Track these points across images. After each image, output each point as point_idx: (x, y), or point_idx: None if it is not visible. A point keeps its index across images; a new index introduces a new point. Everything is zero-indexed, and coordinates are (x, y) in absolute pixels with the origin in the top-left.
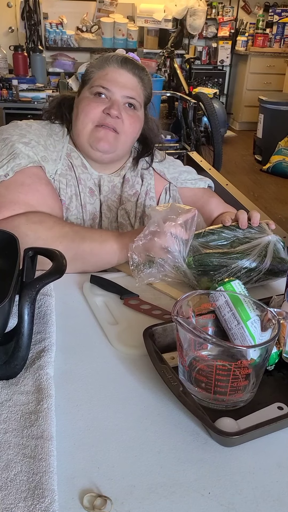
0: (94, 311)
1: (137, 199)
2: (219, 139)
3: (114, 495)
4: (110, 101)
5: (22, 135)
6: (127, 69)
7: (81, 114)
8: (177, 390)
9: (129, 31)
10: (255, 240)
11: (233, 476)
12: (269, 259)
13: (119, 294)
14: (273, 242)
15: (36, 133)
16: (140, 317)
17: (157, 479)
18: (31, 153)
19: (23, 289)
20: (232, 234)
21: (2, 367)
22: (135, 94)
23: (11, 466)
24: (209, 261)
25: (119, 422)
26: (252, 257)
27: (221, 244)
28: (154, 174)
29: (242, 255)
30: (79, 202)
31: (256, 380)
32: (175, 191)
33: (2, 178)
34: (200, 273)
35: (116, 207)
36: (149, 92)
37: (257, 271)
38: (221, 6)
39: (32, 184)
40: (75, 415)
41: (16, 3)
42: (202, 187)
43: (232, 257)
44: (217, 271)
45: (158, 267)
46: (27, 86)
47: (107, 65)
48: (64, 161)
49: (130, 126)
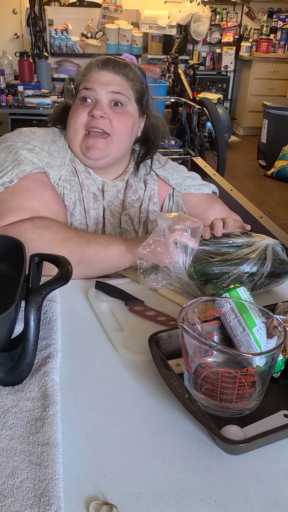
0: (99, 317)
1: (141, 205)
2: (223, 144)
3: (120, 502)
4: (95, 103)
5: (26, 142)
6: (108, 69)
7: (70, 121)
8: (183, 397)
9: (133, 37)
10: (253, 245)
11: (240, 485)
12: (269, 261)
13: (124, 300)
14: (271, 245)
15: (40, 140)
16: (145, 323)
17: (163, 487)
18: (35, 159)
19: (29, 295)
20: (230, 241)
21: (8, 373)
22: (120, 88)
23: (17, 473)
24: (210, 270)
25: (124, 429)
26: (253, 261)
27: (220, 252)
28: (158, 180)
29: (242, 260)
30: (82, 208)
31: (262, 387)
32: (179, 197)
33: (7, 184)
34: (202, 282)
35: (119, 213)
36: (139, 87)
37: (259, 275)
38: (225, 12)
39: (36, 190)
40: (80, 421)
41: (22, 10)
42: (206, 193)
43: (233, 263)
44: (219, 279)
45: (163, 274)
46: (33, 92)
47: (90, 70)
48: (68, 167)
49: (119, 124)
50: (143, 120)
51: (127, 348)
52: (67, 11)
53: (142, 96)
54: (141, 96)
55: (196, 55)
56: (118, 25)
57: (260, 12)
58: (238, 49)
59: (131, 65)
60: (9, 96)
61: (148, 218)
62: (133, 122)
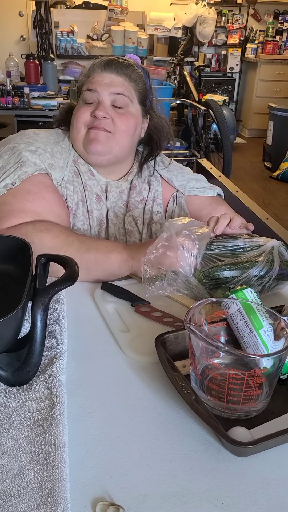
0: (105, 318)
1: (145, 206)
2: (228, 146)
3: (126, 504)
4: (97, 103)
5: (29, 143)
6: (111, 70)
7: (73, 121)
8: (190, 399)
9: (139, 39)
10: (259, 248)
11: (247, 487)
12: (277, 263)
13: (130, 301)
14: (276, 247)
15: (43, 141)
16: (151, 325)
17: (170, 489)
18: (37, 161)
19: (36, 296)
20: (235, 243)
21: (14, 373)
22: (122, 89)
23: (23, 473)
24: (219, 274)
25: (131, 430)
26: (261, 264)
27: (225, 255)
28: (162, 182)
29: (251, 263)
30: (85, 208)
31: (269, 389)
32: (182, 199)
33: (9, 186)
34: (212, 287)
35: (123, 214)
36: (142, 87)
37: (268, 277)
38: (231, 14)
39: (38, 192)
40: (86, 422)
41: (28, 12)
42: (210, 196)
43: (242, 266)
44: (229, 283)
45: (170, 281)
46: (39, 93)
47: (93, 71)
48: (71, 168)
49: (122, 124)
50: (146, 121)
51: (133, 349)
52: (73, 13)
53: (145, 97)
54: (144, 96)
55: (202, 57)
56: (124, 27)
57: (266, 14)
58: (244, 51)
59: (133, 65)
60: (15, 98)
61: (152, 219)
62: (136, 123)
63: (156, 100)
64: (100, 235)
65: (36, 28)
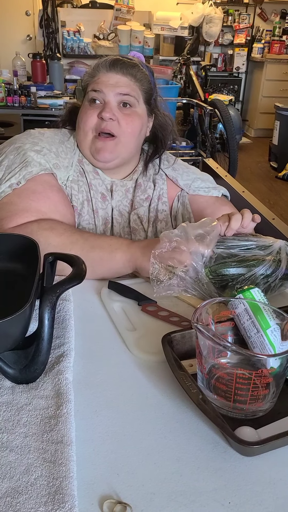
0: (112, 317)
1: (150, 204)
2: (234, 146)
3: (134, 502)
4: (103, 104)
5: (35, 143)
6: (116, 70)
7: (80, 123)
8: (197, 398)
9: (145, 38)
10: (267, 248)
11: (254, 487)
12: (284, 263)
13: (136, 300)
14: (284, 247)
15: (48, 141)
16: (158, 324)
17: (177, 487)
18: (42, 161)
19: (44, 294)
20: (241, 243)
21: (22, 371)
22: (128, 90)
23: (31, 470)
24: (226, 271)
25: (137, 429)
26: (268, 263)
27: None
28: (167, 180)
29: (258, 262)
30: (90, 208)
31: (276, 389)
32: (185, 198)
33: (15, 186)
34: (217, 284)
35: (128, 212)
36: (147, 87)
37: (274, 277)
38: (237, 13)
39: (43, 191)
40: (93, 420)
41: (35, 12)
42: (214, 196)
43: (249, 264)
44: (235, 280)
45: (178, 280)
46: (45, 93)
47: (98, 71)
48: (76, 167)
49: (127, 126)
50: (151, 120)
51: (140, 348)
52: (80, 12)
53: (150, 96)
54: (150, 96)
55: (208, 56)
56: (130, 27)
57: (273, 14)
58: (250, 50)
59: (139, 65)
60: (22, 97)
61: (157, 217)
62: (142, 123)
63: (160, 98)
64: (105, 234)
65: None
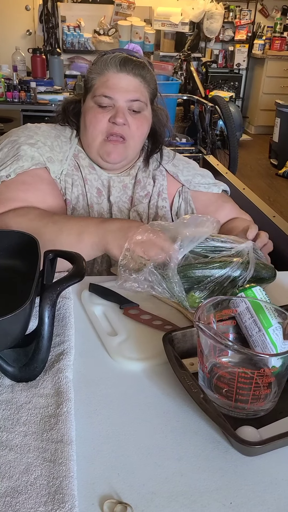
0: (92, 321)
1: (149, 201)
2: (235, 143)
3: (134, 502)
4: (115, 109)
5: (30, 137)
6: (127, 71)
7: (89, 127)
8: (198, 397)
9: (146, 34)
10: (234, 249)
11: (255, 487)
12: (252, 265)
13: (118, 303)
14: (252, 248)
15: (44, 134)
16: (140, 328)
17: (178, 487)
18: (36, 154)
19: (44, 292)
20: (211, 244)
21: (22, 369)
22: (138, 95)
23: (31, 470)
24: (191, 273)
25: (138, 428)
26: (236, 265)
27: (203, 254)
28: (167, 176)
29: (225, 263)
30: (85, 202)
31: (278, 389)
32: (187, 193)
33: (4, 178)
34: (183, 285)
35: (128, 209)
36: (153, 87)
37: (242, 279)
38: (238, 9)
39: (33, 183)
40: (94, 419)
41: (35, 6)
42: (216, 192)
43: (215, 266)
44: (201, 283)
45: (146, 275)
46: (45, 88)
47: (107, 70)
48: (71, 162)
49: (137, 130)
50: (152, 116)
51: (121, 354)
52: (80, 7)
53: (155, 96)
54: (154, 96)
55: (209, 52)
56: (131, 22)
57: (274, 10)
58: (251, 47)
59: (147, 64)
60: (21, 92)
61: (157, 214)
62: (148, 125)
63: (159, 93)
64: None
65: (43, 22)
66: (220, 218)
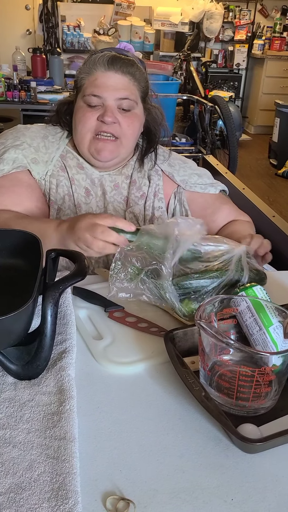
0: (77, 325)
1: (145, 202)
2: (234, 143)
3: (136, 498)
4: (104, 107)
5: (16, 138)
6: (115, 69)
7: (78, 125)
8: (200, 395)
9: (145, 34)
10: (226, 255)
11: (256, 483)
12: (246, 271)
13: (103, 306)
14: (244, 254)
15: (31, 136)
16: (126, 331)
17: (180, 484)
18: (20, 156)
19: (47, 290)
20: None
21: (24, 367)
22: (127, 93)
23: (34, 466)
24: (188, 284)
25: (140, 426)
26: (232, 274)
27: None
28: (163, 176)
29: (221, 272)
30: (72, 203)
31: (278, 387)
32: (182, 194)
33: None
34: (180, 296)
35: (123, 209)
36: (144, 85)
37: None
38: (238, 9)
39: (10, 186)
40: (96, 417)
41: (34, 6)
42: (213, 193)
43: (212, 276)
44: (198, 293)
45: (139, 284)
46: (45, 88)
47: (95, 69)
48: (57, 163)
49: (128, 128)
50: (145, 115)
51: (107, 358)
52: (80, 7)
53: (146, 94)
54: (146, 94)
55: (208, 52)
56: (131, 22)
57: (274, 10)
58: (251, 47)
59: (136, 62)
60: (21, 92)
61: (154, 215)
62: (140, 123)
63: (150, 90)
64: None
65: (43, 22)
66: (219, 221)
